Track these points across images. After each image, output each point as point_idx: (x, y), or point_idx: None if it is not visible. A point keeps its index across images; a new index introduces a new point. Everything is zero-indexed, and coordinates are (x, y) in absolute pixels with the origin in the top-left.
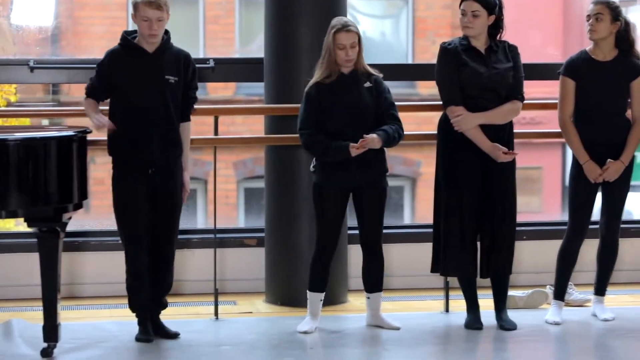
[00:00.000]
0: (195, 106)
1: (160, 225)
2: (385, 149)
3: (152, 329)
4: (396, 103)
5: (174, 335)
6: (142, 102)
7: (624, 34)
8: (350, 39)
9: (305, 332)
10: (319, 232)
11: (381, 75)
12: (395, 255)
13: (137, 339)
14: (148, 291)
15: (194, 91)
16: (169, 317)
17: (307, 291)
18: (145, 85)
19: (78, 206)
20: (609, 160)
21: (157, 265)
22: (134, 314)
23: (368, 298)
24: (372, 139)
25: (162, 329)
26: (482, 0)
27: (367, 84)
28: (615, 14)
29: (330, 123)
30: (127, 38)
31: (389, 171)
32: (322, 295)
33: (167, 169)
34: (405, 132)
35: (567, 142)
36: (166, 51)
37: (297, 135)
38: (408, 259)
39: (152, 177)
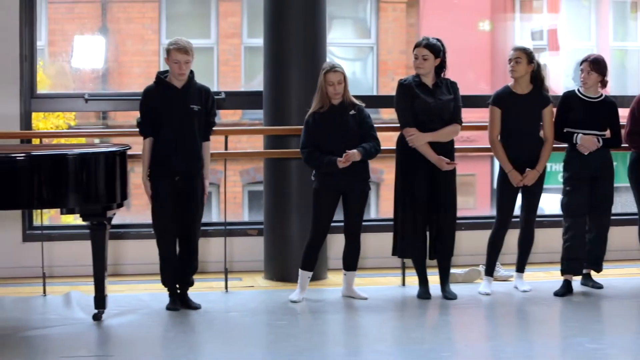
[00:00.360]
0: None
1: (187, 221)
2: (368, 162)
3: (179, 301)
4: None
5: (197, 307)
6: (173, 126)
7: (537, 73)
8: (337, 77)
9: (295, 302)
10: (314, 224)
11: (363, 105)
12: (363, 242)
13: (167, 308)
14: (175, 271)
15: (213, 117)
16: (190, 289)
17: (300, 269)
18: (175, 113)
19: (120, 205)
20: (527, 169)
21: (185, 253)
22: (165, 288)
23: (345, 275)
24: (353, 153)
25: (188, 302)
26: (431, 47)
27: (352, 112)
28: (530, 57)
29: (324, 143)
30: (161, 77)
31: (370, 178)
32: (310, 274)
33: (191, 177)
34: None
35: (495, 155)
36: (191, 86)
37: (289, 149)
38: (374, 245)
39: (178, 183)
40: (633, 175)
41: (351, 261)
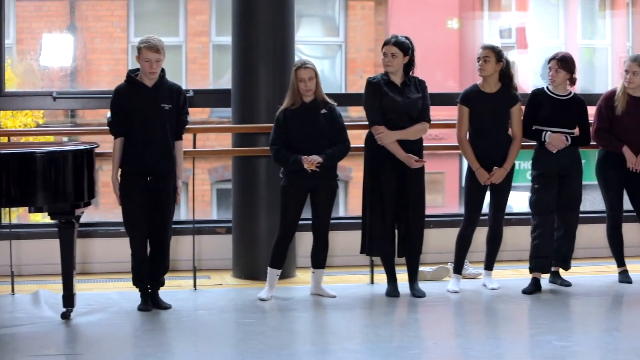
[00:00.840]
0: None
1: (158, 221)
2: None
3: (150, 302)
4: None
5: (167, 307)
6: (143, 126)
7: (505, 71)
8: (308, 73)
9: (263, 299)
10: (282, 222)
11: (335, 104)
12: (332, 240)
13: (139, 309)
14: (147, 271)
15: (185, 115)
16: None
17: (268, 267)
18: (146, 112)
19: (87, 204)
20: (495, 167)
21: (157, 253)
22: (137, 289)
23: (313, 272)
24: (314, 158)
25: (159, 302)
26: (399, 45)
27: (324, 111)
28: (499, 56)
29: (294, 141)
30: (131, 76)
31: (338, 176)
32: (279, 271)
33: (163, 177)
34: None
35: (463, 154)
36: (162, 85)
37: (258, 147)
38: (342, 243)
39: (150, 183)
40: (600, 173)
41: (319, 259)
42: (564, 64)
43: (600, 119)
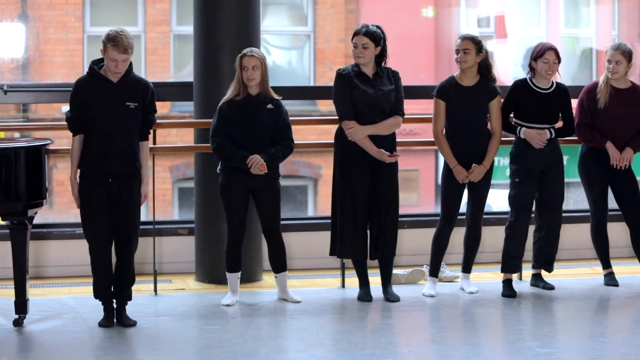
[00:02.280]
0: None
1: (122, 228)
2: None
3: (116, 318)
4: (300, 118)
5: (132, 325)
6: (105, 124)
7: (484, 62)
8: (252, 62)
9: (227, 305)
10: (228, 224)
11: (281, 98)
12: (300, 241)
13: (99, 324)
14: (110, 282)
15: (153, 114)
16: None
17: (226, 272)
18: (109, 110)
19: (40, 204)
20: (473, 164)
21: (121, 263)
22: (99, 301)
23: (276, 277)
24: (257, 161)
25: (123, 319)
26: (370, 35)
27: (270, 106)
28: (479, 47)
29: (236, 134)
30: (94, 68)
31: (280, 175)
32: (238, 274)
33: (126, 180)
34: (307, 142)
35: (439, 150)
36: (128, 80)
37: None
38: (311, 245)
39: (112, 186)
40: (583, 169)
41: (278, 262)
42: (557, 54)
43: (582, 113)
